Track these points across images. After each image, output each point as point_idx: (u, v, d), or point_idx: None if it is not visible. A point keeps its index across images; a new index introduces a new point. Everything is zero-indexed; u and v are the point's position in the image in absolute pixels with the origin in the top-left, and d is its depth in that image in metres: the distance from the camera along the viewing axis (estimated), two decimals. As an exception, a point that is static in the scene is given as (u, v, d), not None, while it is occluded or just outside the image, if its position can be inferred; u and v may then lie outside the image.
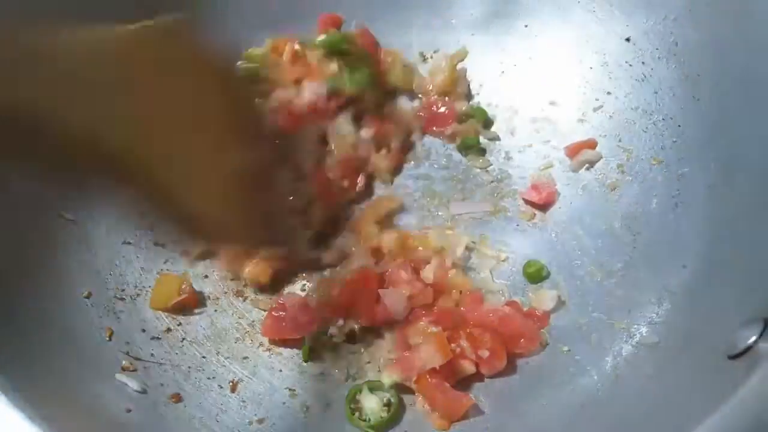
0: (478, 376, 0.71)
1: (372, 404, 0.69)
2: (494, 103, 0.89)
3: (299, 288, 0.78)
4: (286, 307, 0.73)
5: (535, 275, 0.77)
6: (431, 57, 0.92)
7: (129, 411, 0.62)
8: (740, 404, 0.46)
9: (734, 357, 0.54)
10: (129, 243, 0.78)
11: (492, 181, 0.85)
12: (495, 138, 0.87)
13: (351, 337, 0.74)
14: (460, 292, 0.75)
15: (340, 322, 0.73)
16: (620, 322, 0.70)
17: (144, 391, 0.66)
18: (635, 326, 0.69)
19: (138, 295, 0.75)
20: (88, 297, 0.71)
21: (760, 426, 0.45)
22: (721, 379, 0.52)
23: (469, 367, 0.70)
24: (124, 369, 0.67)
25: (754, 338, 0.53)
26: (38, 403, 0.48)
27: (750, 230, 0.64)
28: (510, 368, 0.71)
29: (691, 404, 0.51)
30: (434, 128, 0.89)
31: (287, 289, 0.77)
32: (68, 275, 0.71)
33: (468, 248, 0.79)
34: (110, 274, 0.75)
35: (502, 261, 0.79)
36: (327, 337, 0.73)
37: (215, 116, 0.45)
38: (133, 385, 0.65)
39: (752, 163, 0.67)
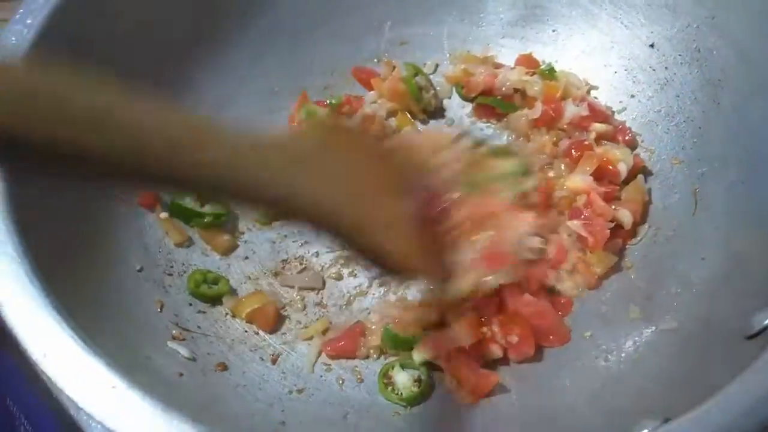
0: (504, 360, 0.74)
1: (404, 380, 0.72)
2: (522, 105, 0.93)
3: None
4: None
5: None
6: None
7: (181, 375, 0.66)
8: (754, 374, 0.50)
9: (751, 337, 0.57)
10: (176, 225, 0.83)
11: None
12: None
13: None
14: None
15: None
16: (641, 310, 0.73)
17: (193, 359, 0.70)
18: (655, 313, 0.71)
19: (185, 272, 0.79)
20: (140, 271, 0.76)
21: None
22: (737, 357, 0.55)
23: (496, 351, 0.73)
24: (174, 338, 0.71)
25: (769, 320, 0.57)
26: (111, 356, 0.53)
27: (765, 225, 0.68)
28: (535, 353, 0.74)
29: (709, 379, 0.54)
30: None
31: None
32: (122, 251, 0.75)
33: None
34: (159, 252, 0.79)
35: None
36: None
37: (383, 177, 0.59)
38: (183, 352, 0.69)
39: (768, 162, 0.71)
